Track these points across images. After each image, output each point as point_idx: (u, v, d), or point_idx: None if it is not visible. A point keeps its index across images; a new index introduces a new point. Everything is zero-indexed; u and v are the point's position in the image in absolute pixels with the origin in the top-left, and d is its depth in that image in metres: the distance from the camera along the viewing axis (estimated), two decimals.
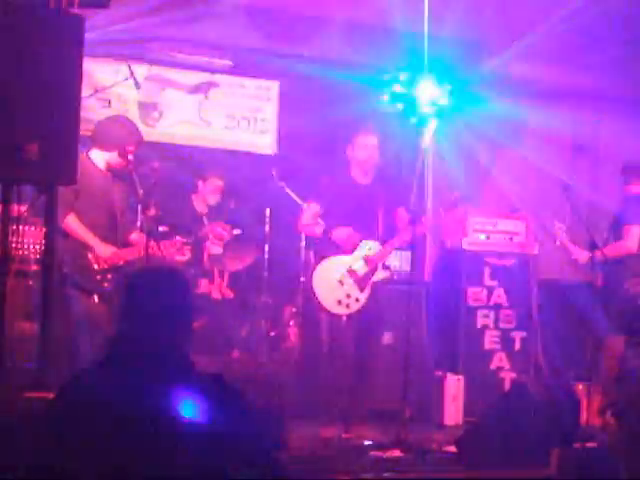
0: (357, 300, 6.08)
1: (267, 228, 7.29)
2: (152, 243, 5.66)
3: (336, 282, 6.08)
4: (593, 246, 6.11)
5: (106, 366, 2.70)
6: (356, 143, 6.38)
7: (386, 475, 4.76)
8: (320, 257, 6.20)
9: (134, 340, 2.69)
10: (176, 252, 6.02)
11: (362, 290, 6.10)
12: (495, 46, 8.03)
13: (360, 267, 6.13)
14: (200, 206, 7.32)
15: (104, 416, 2.57)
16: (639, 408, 4.66)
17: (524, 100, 8.81)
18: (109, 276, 5.68)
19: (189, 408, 2.58)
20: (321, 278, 6.10)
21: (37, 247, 5.66)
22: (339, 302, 6.06)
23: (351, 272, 6.11)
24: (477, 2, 7.42)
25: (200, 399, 2.62)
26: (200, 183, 7.38)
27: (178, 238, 6.23)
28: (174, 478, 2.57)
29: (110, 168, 5.82)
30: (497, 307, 7.34)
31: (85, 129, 4.85)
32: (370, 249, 6.17)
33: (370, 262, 6.14)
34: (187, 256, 6.25)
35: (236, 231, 7.16)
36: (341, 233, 6.16)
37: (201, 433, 2.59)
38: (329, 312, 6.08)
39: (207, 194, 7.38)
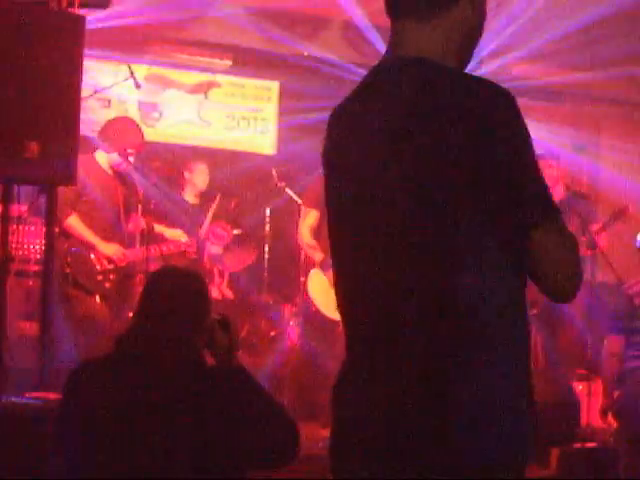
0: None
1: (267, 228, 7.28)
2: (153, 244, 5.67)
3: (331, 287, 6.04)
4: (593, 246, 6.11)
5: (116, 362, 2.70)
6: None
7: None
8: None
9: (147, 338, 2.69)
10: (180, 256, 6.04)
11: None
12: (495, 46, 8.03)
13: None
14: (190, 197, 7.22)
15: (113, 409, 2.58)
16: (639, 408, 4.67)
17: (524, 100, 8.80)
18: (111, 276, 5.68)
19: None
20: (316, 285, 6.07)
21: (37, 247, 5.66)
22: None
23: None
24: None
25: (213, 396, 2.63)
26: (187, 174, 7.21)
27: (181, 239, 6.23)
28: (183, 475, 2.58)
29: (113, 169, 5.84)
30: None
31: (85, 129, 4.85)
32: None
33: None
34: (191, 258, 6.27)
35: (236, 231, 7.15)
36: None
37: (213, 431, 2.60)
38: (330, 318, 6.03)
39: (195, 181, 7.19)
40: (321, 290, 6.04)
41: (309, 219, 6.23)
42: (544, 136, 8.63)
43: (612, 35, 7.67)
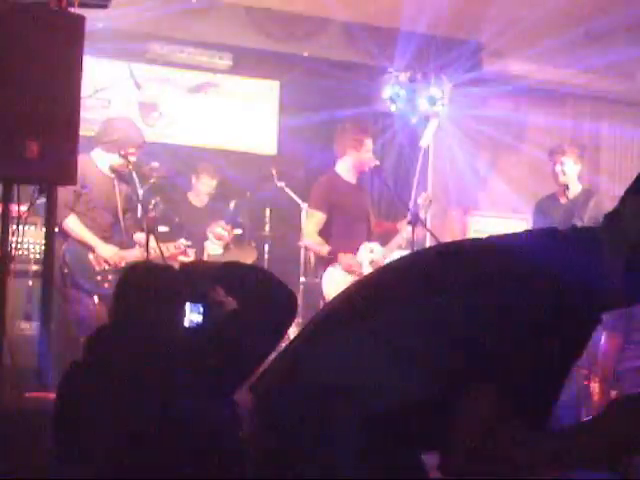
0: None
1: (267, 228, 7.28)
2: (153, 244, 5.67)
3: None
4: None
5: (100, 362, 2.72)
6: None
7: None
8: (324, 265, 6.16)
9: (120, 339, 2.72)
10: (180, 254, 6.05)
11: None
12: (495, 46, 8.04)
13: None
14: (197, 200, 7.26)
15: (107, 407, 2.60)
16: (637, 407, 4.66)
17: (524, 100, 8.82)
18: (109, 277, 5.68)
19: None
20: (331, 285, 6.04)
21: (37, 247, 5.66)
22: None
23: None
24: (477, 2, 7.43)
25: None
26: (193, 178, 7.28)
27: (182, 241, 6.23)
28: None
29: (112, 169, 5.84)
30: None
31: (85, 129, 4.86)
32: (373, 252, 6.15)
33: (376, 265, 6.09)
34: (191, 258, 6.27)
35: (236, 231, 7.15)
36: (346, 259, 6.06)
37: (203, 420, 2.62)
38: None
39: (201, 189, 7.26)
40: (337, 290, 6.02)
41: (314, 220, 6.22)
42: (544, 136, 8.64)
43: (612, 34, 7.68)
